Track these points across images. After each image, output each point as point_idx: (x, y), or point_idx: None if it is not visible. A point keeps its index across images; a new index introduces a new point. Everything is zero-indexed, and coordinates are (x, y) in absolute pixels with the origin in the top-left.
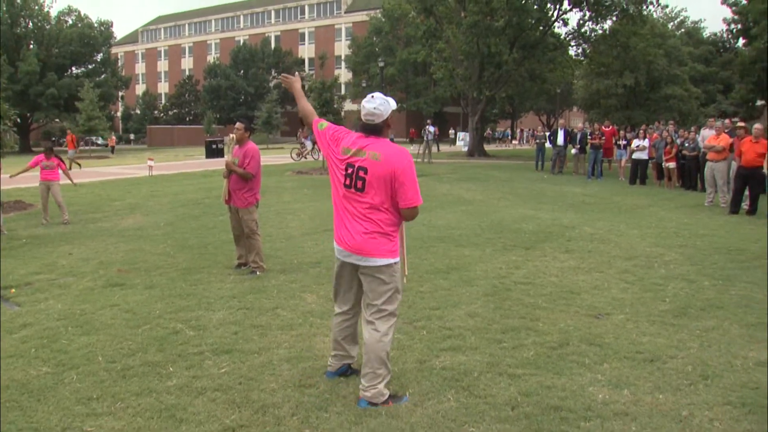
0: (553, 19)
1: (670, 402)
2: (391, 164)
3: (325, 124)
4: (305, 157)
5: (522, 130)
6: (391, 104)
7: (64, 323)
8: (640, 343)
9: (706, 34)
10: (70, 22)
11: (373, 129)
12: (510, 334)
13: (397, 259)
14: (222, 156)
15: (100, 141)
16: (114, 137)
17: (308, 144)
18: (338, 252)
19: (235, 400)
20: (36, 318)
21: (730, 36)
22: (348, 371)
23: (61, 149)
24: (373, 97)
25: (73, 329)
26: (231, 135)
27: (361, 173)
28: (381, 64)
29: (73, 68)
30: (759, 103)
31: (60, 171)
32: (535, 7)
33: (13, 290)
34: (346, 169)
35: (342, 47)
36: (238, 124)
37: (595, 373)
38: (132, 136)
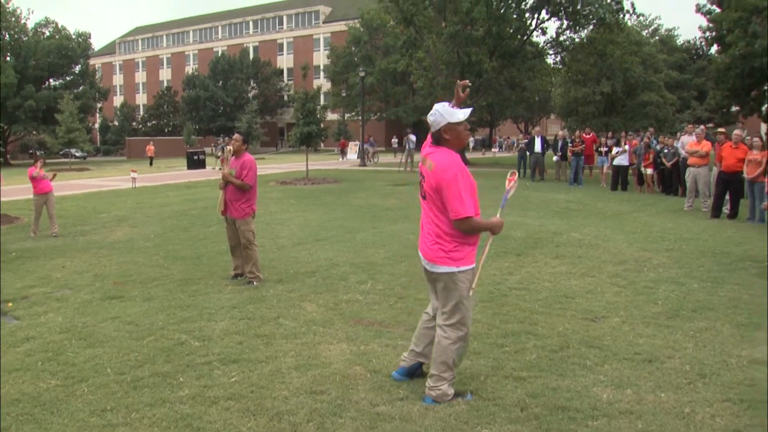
0: (531, 28)
1: (672, 400)
2: (438, 175)
3: None
4: (371, 161)
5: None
6: (447, 115)
7: (68, 336)
8: (638, 345)
9: (679, 41)
10: (48, 33)
11: (432, 137)
12: (511, 338)
13: (462, 268)
14: (204, 167)
15: (78, 153)
16: (152, 146)
17: (369, 149)
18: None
19: (249, 408)
20: (38, 331)
21: (704, 43)
22: (418, 371)
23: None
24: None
25: (78, 342)
26: (228, 147)
27: (423, 181)
28: (362, 74)
29: (51, 80)
30: (733, 109)
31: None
32: (514, 16)
33: (10, 304)
34: (420, 177)
35: (321, 57)
36: (236, 136)
37: (597, 374)
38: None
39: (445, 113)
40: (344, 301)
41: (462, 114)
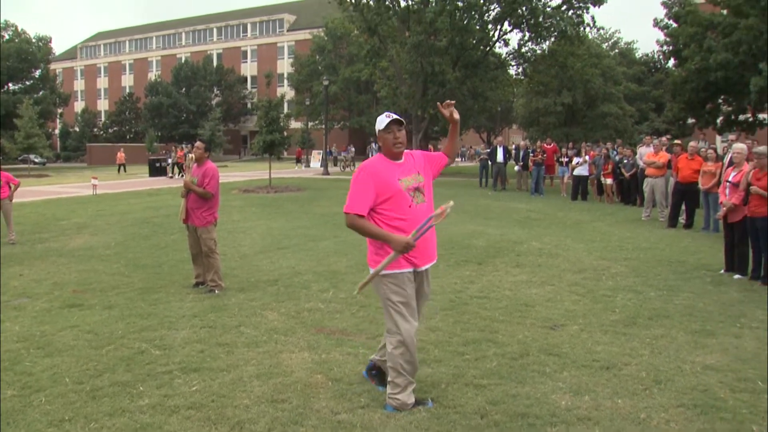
0: (494, 39)
1: (629, 406)
2: None
3: None
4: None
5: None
6: (377, 125)
7: (25, 345)
8: (596, 352)
9: (638, 54)
10: (7, 37)
11: None
12: (471, 346)
13: (385, 272)
14: (166, 174)
15: (37, 159)
16: (123, 153)
17: (348, 156)
18: None
19: (210, 417)
20: None
21: (661, 56)
22: (372, 369)
23: None
24: None
25: (35, 351)
26: (190, 155)
27: None
28: (325, 83)
29: (10, 84)
30: (690, 121)
31: (11, 187)
32: (477, 27)
33: None
34: None
35: (285, 65)
36: (198, 143)
37: (556, 381)
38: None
39: (378, 122)
40: (306, 310)
41: (383, 122)
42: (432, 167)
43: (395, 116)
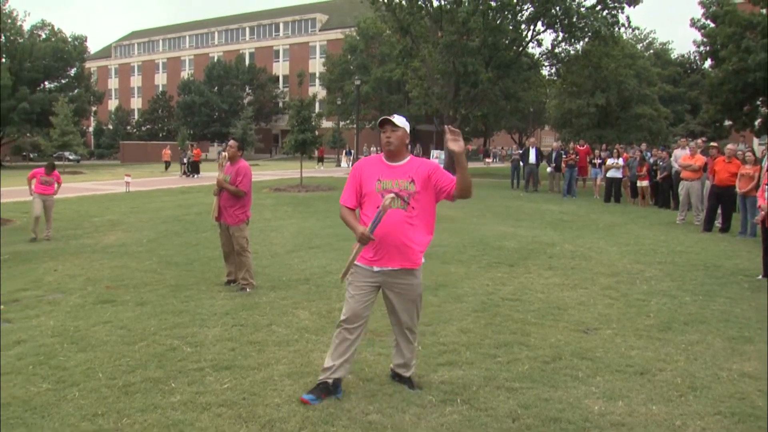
0: (527, 39)
1: (663, 413)
2: None
3: None
4: None
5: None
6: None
7: (59, 340)
8: (630, 357)
9: (674, 55)
10: (44, 36)
11: None
12: (503, 349)
13: (351, 259)
14: (198, 172)
15: (72, 157)
16: (169, 151)
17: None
18: None
19: (242, 415)
20: (29, 334)
21: (698, 57)
22: (395, 377)
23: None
24: None
25: (69, 346)
26: (223, 153)
27: None
28: (357, 82)
29: (46, 82)
30: (726, 123)
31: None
32: (510, 27)
33: (2, 306)
34: None
35: (316, 65)
36: (231, 142)
37: (589, 385)
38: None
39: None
40: (337, 309)
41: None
42: (434, 185)
43: (396, 117)
